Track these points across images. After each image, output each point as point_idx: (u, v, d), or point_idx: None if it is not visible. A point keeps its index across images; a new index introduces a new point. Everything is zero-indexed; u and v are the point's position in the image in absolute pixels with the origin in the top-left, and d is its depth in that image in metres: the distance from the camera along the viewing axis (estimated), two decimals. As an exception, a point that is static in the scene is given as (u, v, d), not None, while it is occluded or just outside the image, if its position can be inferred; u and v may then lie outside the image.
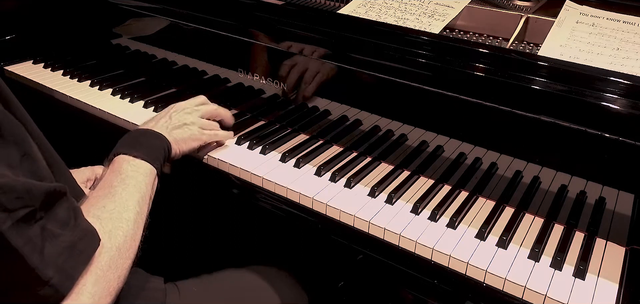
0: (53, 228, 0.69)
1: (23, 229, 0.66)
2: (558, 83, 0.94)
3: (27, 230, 0.66)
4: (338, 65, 1.19)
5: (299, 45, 1.23)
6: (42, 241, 0.67)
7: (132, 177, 0.91)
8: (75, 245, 0.71)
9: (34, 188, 0.67)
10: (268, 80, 1.32)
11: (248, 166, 1.15)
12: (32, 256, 0.66)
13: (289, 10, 1.31)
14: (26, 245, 0.66)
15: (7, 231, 0.64)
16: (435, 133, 1.15)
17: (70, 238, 0.70)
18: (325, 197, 1.06)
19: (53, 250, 0.68)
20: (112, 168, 0.94)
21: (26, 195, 0.66)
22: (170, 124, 1.09)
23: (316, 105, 1.30)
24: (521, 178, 1.08)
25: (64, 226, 0.71)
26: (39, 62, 1.67)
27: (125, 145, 0.98)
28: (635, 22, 1.09)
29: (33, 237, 0.67)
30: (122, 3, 1.51)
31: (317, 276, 1.25)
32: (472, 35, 1.28)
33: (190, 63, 1.49)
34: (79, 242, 0.71)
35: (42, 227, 0.68)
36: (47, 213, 0.69)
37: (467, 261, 0.91)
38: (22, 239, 0.65)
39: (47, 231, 0.68)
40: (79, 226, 0.73)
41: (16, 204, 0.65)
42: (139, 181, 0.92)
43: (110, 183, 0.89)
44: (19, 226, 0.65)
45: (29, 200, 0.66)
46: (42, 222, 0.68)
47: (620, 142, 0.90)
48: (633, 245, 0.95)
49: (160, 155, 1.00)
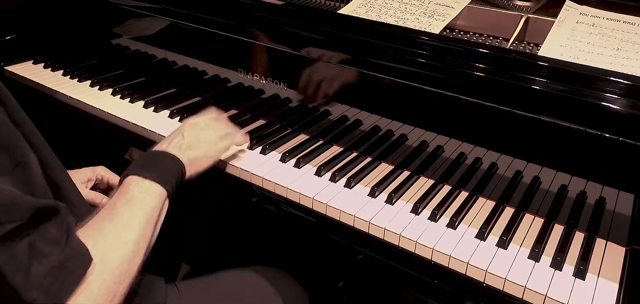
0: (42, 247, 0.66)
1: (7, 245, 0.63)
2: (558, 83, 0.94)
3: (12, 247, 0.63)
4: (338, 65, 1.19)
5: (299, 45, 1.23)
6: (28, 260, 0.64)
7: (139, 198, 0.87)
8: (64, 265, 0.67)
9: (22, 202, 0.64)
10: (268, 80, 1.32)
11: (248, 166, 1.15)
12: (15, 276, 0.63)
13: (289, 10, 1.31)
14: (9, 263, 0.63)
15: None
16: (435, 133, 1.15)
17: (59, 257, 0.67)
18: (325, 197, 1.06)
19: (40, 269, 0.65)
20: (120, 190, 0.89)
21: (13, 209, 0.63)
22: (184, 143, 1.03)
23: (316, 105, 1.30)
24: (521, 178, 1.08)
25: (55, 244, 0.67)
26: (39, 62, 1.67)
27: (137, 166, 0.93)
28: (635, 22, 1.09)
29: (18, 255, 0.63)
30: (122, 3, 1.51)
31: (317, 276, 1.25)
32: (472, 35, 1.28)
33: (190, 63, 1.49)
34: (68, 262, 0.68)
35: (30, 244, 0.65)
36: (36, 230, 0.66)
37: (467, 261, 0.91)
38: (5, 256, 0.62)
39: (36, 249, 0.65)
40: (70, 246, 0.69)
41: (2, 218, 0.62)
42: (145, 202, 0.87)
43: (114, 203, 0.85)
44: (4, 242, 0.62)
45: (16, 214, 0.63)
46: (30, 239, 0.65)
47: (620, 142, 0.90)
48: (633, 245, 0.95)
49: (173, 178, 0.95)
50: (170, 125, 1.32)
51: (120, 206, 0.84)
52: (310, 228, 1.09)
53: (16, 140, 0.69)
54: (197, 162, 1.04)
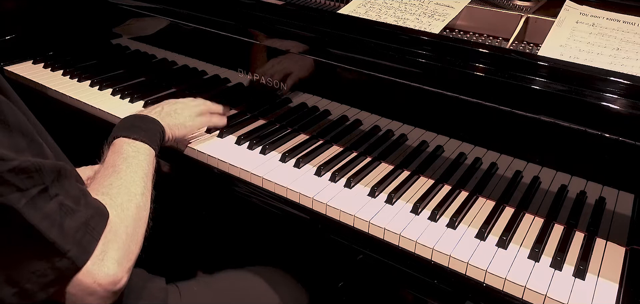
0: (70, 204, 0.74)
1: (39, 206, 0.70)
2: (558, 83, 0.94)
3: (44, 207, 0.71)
4: (338, 65, 1.19)
5: (299, 45, 1.23)
6: (61, 217, 0.72)
7: (134, 157, 0.97)
8: (88, 222, 0.76)
9: (43, 167, 0.72)
10: (268, 80, 1.32)
11: (248, 166, 1.15)
12: (50, 230, 0.71)
13: (289, 10, 1.31)
14: (43, 220, 0.70)
15: (23, 209, 0.68)
16: (435, 133, 1.15)
17: (85, 214, 0.75)
18: (325, 197, 1.06)
19: (72, 224, 0.73)
20: (113, 149, 0.99)
21: (37, 174, 0.70)
22: (163, 112, 1.15)
23: (316, 105, 1.30)
24: (521, 178, 1.08)
25: (78, 202, 0.76)
26: (39, 62, 1.67)
27: (123, 128, 1.03)
28: (635, 22, 1.09)
29: (51, 213, 0.71)
30: (122, 3, 1.51)
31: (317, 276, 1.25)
32: (472, 35, 1.28)
33: (190, 63, 1.49)
34: (91, 219, 0.76)
35: (60, 203, 0.73)
36: (61, 190, 0.74)
37: (467, 261, 0.91)
38: (38, 215, 0.70)
39: (65, 207, 0.73)
40: (89, 203, 0.78)
41: (28, 183, 0.69)
42: (140, 160, 0.97)
43: (113, 163, 0.94)
44: (35, 203, 0.70)
45: (39, 179, 0.71)
46: (60, 198, 0.73)
47: (620, 142, 0.90)
48: (633, 245, 0.95)
49: (156, 138, 1.06)
50: (170, 125, 1.32)
51: (120, 165, 0.94)
52: (310, 228, 1.09)
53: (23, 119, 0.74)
54: (175, 128, 1.15)
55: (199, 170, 1.23)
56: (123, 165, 0.94)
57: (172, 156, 1.24)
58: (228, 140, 1.26)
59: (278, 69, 1.30)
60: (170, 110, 1.17)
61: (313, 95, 1.29)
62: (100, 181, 0.90)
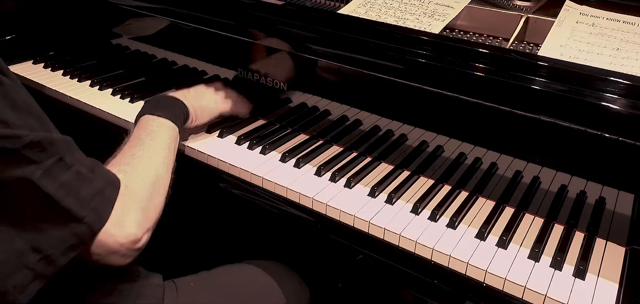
0: (85, 172, 0.78)
1: (55, 175, 0.74)
2: (558, 83, 0.94)
3: (60, 176, 0.74)
4: (338, 65, 1.19)
5: (299, 45, 1.23)
6: (78, 185, 0.76)
7: (158, 131, 1.05)
8: (103, 190, 0.80)
9: (56, 139, 0.75)
10: (268, 80, 1.32)
11: (248, 166, 1.15)
12: (65, 198, 0.74)
13: (289, 10, 1.31)
14: (59, 189, 0.74)
15: (39, 180, 0.72)
16: (435, 133, 1.15)
17: (100, 183, 0.80)
18: (325, 197, 1.06)
19: (89, 191, 0.78)
20: (139, 125, 1.07)
21: (50, 147, 0.74)
22: (189, 95, 1.20)
23: (316, 105, 1.30)
24: (521, 178, 1.08)
25: (92, 171, 0.80)
26: (39, 62, 1.67)
27: (149, 107, 1.11)
28: (635, 22, 1.09)
29: (67, 182, 0.75)
30: (122, 3, 1.51)
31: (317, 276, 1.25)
32: (472, 35, 1.28)
33: (190, 63, 1.49)
34: (106, 187, 0.81)
35: (77, 172, 0.77)
36: (76, 160, 0.78)
37: (467, 261, 0.91)
38: (54, 184, 0.73)
39: (82, 175, 0.77)
40: (102, 173, 0.83)
41: (42, 156, 0.73)
42: (164, 134, 1.05)
43: (137, 136, 1.02)
44: (50, 173, 0.73)
45: (53, 151, 0.74)
46: (76, 168, 0.77)
47: (620, 142, 0.90)
48: (633, 245, 0.95)
49: (180, 116, 1.13)
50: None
51: (144, 138, 1.01)
52: (310, 228, 1.09)
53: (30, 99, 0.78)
54: (199, 111, 1.21)
55: (198, 169, 1.23)
56: (147, 138, 1.01)
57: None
58: (228, 140, 1.26)
59: (278, 69, 1.30)
60: (197, 93, 1.24)
61: (313, 95, 1.29)
62: (125, 151, 0.96)
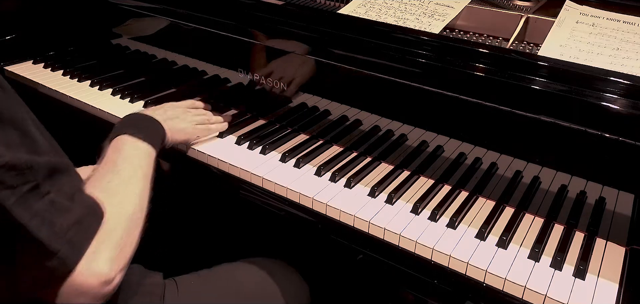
0: (62, 201, 0.72)
1: (29, 204, 0.69)
2: (558, 83, 0.94)
3: (34, 205, 0.69)
4: (338, 65, 1.19)
5: (299, 45, 1.23)
6: (51, 215, 0.70)
7: (135, 155, 0.97)
8: (82, 220, 0.74)
9: (35, 164, 0.70)
10: (268, 80, 1.32)
11: (248, 166, 1.15)
12: (39, 229, 0.69)
13: (289, 10, 1.31)
14: (33, 219, 0.69)
15: (12, 207, 0.67)
16: (435, 133, 1.15)
17: (79, 211, 0.74)
18: (325, 197, 1.06)
19: (64, 222, 0.71)
20: (114, 146, 0.98)
21: (28, 171, 0.69)
22: (165, 115, 1.15)
23: (316, 105, 1.30)
24: (521, 178, 1.08)
25: (72, 199, 0.74)
26: (39, 62, 1.67)
27: (125, 126, 1.02)
28: (635, 22, 1.09)
29: (41, 211, 0.69)
30: (122, 3, 1.51)
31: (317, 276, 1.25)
32: (472, 35, 1.28)
33: (190, 63, 1.49)
34: (85, 218, 0.75)
35: (51, 201, 0.71)
36: (53, 187, 0.72)
37: (467, 261, 0.91)
38: (28, 214, 0.68)
39: (57, 204, 0.71)
40: (83, 201, 0.76)
41: (18, 180, 0.68)
42: (140, 159, 0.97)
43: (113, 160, 0.94)
44: (25, 202, 0.68)
45: (30, 175, 0.69)
46: (51, 196, 0.71)
47: (620, 142, 0.90)
48: (633, 245, 0.95)
49: (158, 139, 1.06)
50: (170, 125, 1.32)
51: (120, 163, 0.93)
52: (310, 228, 1.09)
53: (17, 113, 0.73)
54: (176, 133, 1.15)
55: (198, 169, 1.23)
56: (123, 163, 0.93)
57: (172, 155, 1.24)
58: (228, 140, 1.26)
59: (278, 69, 1.30)
60: (173, 114, 1.18)
61: (313, 95, 1.29)
62: (99, 178, 0.88)
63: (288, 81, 1.30)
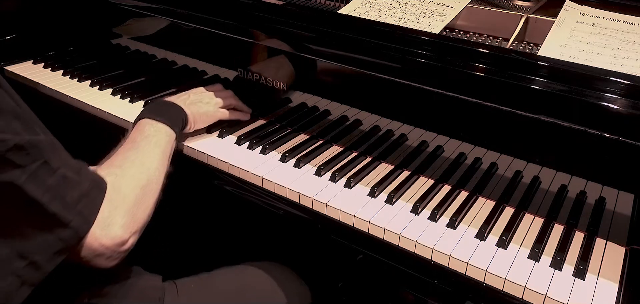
0: (72, 176, 0.77)
1: (41, 179, 0.73)
2: (558, 83, 0.94)
3: (46, 180, 0.74)
4: (338, 65, 1.19)
5: (299, 45, 1.23)
6: (64, 189, 0.76)
7: (154, 135, 1.05)
8: (89, 192, 0.80)
9: (40, 142, 0.74)
10: (268, 79, 1.32)
11: (248, 166, 1.15)
12: (51, 203, 0.74)
13: (289, 10, 1.31)
14: (45, 194, 0.73)
15: (24, 184, 0.71)
16: (435, 133, 1.15)
17: (85, 185, 0.79)
18: (325, 197, 1.06)
19: (75, 195, 0.77)
20: (136, 128, 1.07)
21: (34, 150, 0.73)
22: (188, 100, 1.21)
23: (316, 105, 1.30)
24: (521, 178, 1.08)
25: (79, 173, 0.79)
26: (39, 62, 1.67)
27: (148, 111, 1.11)
28: (635, 22, 1.09)
29: (53, 186, 0.74)
30: (122, 3, 1.51)
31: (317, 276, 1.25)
32: (472, 35, 1.28)
33: (190, 63, 1.49)
34: (92, 190, 0.81)
35: (63, 175, 0.76)
36: (61, 163, 0.77)
37: (467, 261, 0.91)
38: (40, 189, 0.73)
39: (68, 178, 0.77)
40: (88, 175, 0.82)
41: (27, 160, 0.72)
42: (160, 139, 1.05)
43: (133, 139, 1.03)
44: (36, 178, 0.72)
45: (38, 154, 0.73)
46: (62, 171, 0.76)
47: (620, 142, 0.90)
48: (633, 245, 0.95)
49: (178, 122, 1.13)
50: (170, 125, 1.32)
51: (140, 141, 1.02)
52: (310, 228, 1.09)
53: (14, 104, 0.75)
54: (198, 117, 1.21)
55: (198, 169, 1.23)
56: (142, 141, 1.02)
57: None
58: (228, 140, 1.26)
59: (278, 69, 1.30)
60: (197, 99, 1.23)
61: (313, 95, 1.29)
62: (118, 153, 0.97)
63: (288, 81, 1.30)
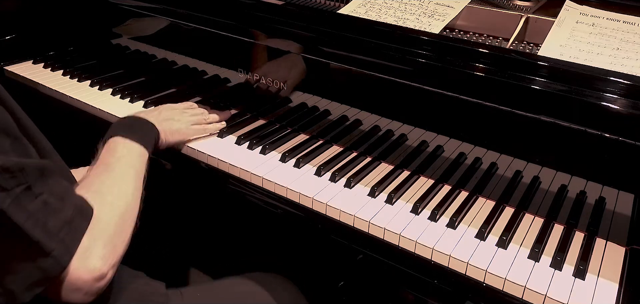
0: (53, 203, 0.74)
1: (23, 205, 0.70)
2: (558, 83, 0.94)
3: (28, 206, 0.71)
4: (338, 65, 1.19)
5: (299, 45, 1.23)
6: (45, 216, 0.72)
7: (127, 156, 0.99)
8: (73, 219, 0.76)
9: (27, 166, 0.72)
10: (268, 80, 1.32)
11: (248, 166, 1.15)
12: (34, 230, 0.71)
13: (289, 10, 1.31)
14: (28, 220, 0.70)
15: (8, 209, 0.68)
16: (435, 133, 1.15)
17: (69, 212, 0.75)
18: (325, 197, 1.06)
19: (56, 223, 0.73)
20: (107, 148, 1.00)
21: (20, 174, 0.70)
22: (160, 117, 1.17)
23: (316, 105, 1.30)
24: (521, 178, 1.08)
25: (62, 200, 0.75)
26: (39, 62, 1.67)
27: (119, 128, 1.04)
28: (635, 22, 1.09)
29: (35, 212, 0.71)
30: (122, 3, 1.51)
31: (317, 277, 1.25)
32: (472, 35, 1.28)
33: (190, 63, 1.49)
34: (75, 217, 0.76)
35: (44, 202, 0.73)
36: (45, 188, 0.74)
37: (467, 261, 0.91)
38: (23, 214, 0.70)
39: (49, 205, 0.73)
40: (73, 201, 0.78)
41: (12, 183, 0.69)
42: (133, 160, 0.99)
43: (106, 161, 0.96)
44: (19, 203, 0.70)
45: (23, 178, 0.71)
46: (44, 197, 0.73)
47: (620, 142, 0.90)
48: (633, 245, 0.95)
49: (151, 141, 1.08)
50: (170, 125, 1.32)
51: (113, 164, 0.96)
52: (310, 228, 1.09)
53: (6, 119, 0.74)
54: (169, 134, 1.17)
55: (198, 169, 1.23)
56: (116, 164, 0.95)
57: (171, 156, 1.24)
58: (228, 140, 1.26)
59: (278, 69, 1.30)
60: (168, 115, 1.20)
61: (313, 95, 1.29)
62: (92, 178, 0.91)
63: (288, 81, 1.30)
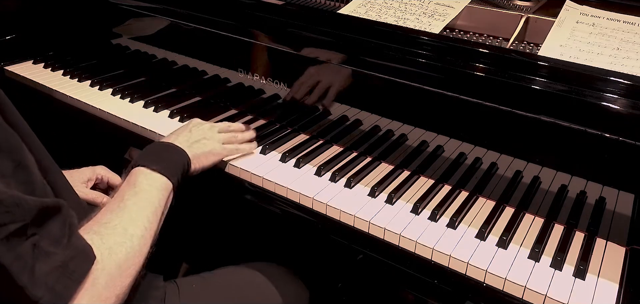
0: (45, 246, 0.67)
1: (13, 245, 0.64)
2: (558, 83, 0.94)
3: (18, 246, 0.64)
4: (338, 65, 1.19)
5: (299, 45, 1.23)
6: (33, 260, 0.65)
7: (146, 190, 0.90)
8: (67, 265, 0.69)
9: (25, 202, 0.66)
10: (268, 80, 1.32)
11: (248, 166, 1.15)
12: (21, 274, 0.64)
13: (289, 10, 1.31)
14: (15, 262, 0.64)
15: None
16: (435, 133, 1.15)
17: (62, 257, 0.68)
18: (326, 197, 1.06)
19: (44, 268, 0.66)
20: (128, 180, 0.93)
21: (16, 210, 0.65)
22: (191, 138, 1.09)
23: (316, 105, 1.30)
24: (521, 178, 1.08)
25: (57, 244, 0.69)
26: (39, 62, 1.67)
27: (145, 157, 0.97)
28: (635, 22, 1.09)
29: (23, 254, 0.65)
30: (122, 3, 1.51)
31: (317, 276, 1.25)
32: (472, 35, 1.28)
33: (190, 63, 1.49)
34: (71, 261, 0.69)
35: (33, 244, 0.66)
36: (39, 230, 0.67)
37: (467, 261, 0.91)
38: (11, 255, 0.64)
39: (39, 248, 0.67)
40: (72, 245, 0.71)
41: (5, 218, 0.63)
42: (152, 195, 0.90)
43: (122, 196, 0.88)
44: (9, 242, 0.64)
45: (19, 215, 0.65)
46: (35, 239, 0.66)
47: (620, 142, 0.90)
48: (633, 245, 0.95)
49: (178, 170, 0.99)
50: (170, 125, 1.32)
51: (128, 199, 0.87)
52: (310, 228, 1.09)
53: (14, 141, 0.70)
54: (203, 158, 1.08)
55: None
56: (131, 200, 0.87)
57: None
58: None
59: (278, 69, 1.30)
60: (199, 134, 1.11)
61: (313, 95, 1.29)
62: (100, 217, 0.83)
63: (288, 81, 1.30)
